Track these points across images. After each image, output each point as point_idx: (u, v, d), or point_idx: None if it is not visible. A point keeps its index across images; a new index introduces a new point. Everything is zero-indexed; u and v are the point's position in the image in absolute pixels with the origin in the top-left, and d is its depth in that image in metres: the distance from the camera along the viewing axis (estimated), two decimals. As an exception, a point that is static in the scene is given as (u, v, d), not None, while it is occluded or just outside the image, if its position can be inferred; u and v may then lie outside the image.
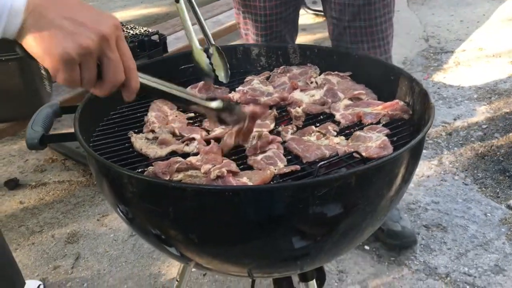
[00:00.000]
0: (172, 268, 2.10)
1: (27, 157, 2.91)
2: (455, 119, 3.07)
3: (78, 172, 2.76)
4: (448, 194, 2.46)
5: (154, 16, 5.17)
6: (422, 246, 2.16)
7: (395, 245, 2.11)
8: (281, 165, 1.11)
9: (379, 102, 1.34)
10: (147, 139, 1.22)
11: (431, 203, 2.41)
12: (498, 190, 2.46)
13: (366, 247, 2.16)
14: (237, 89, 1.47)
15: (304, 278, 1.26)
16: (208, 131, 1.27)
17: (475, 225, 2.26)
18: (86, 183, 2.67)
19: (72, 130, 1.14)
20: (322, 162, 1.01)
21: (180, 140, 1.22)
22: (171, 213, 0.96)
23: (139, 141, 1.20)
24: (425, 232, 2.24)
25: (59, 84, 0.77)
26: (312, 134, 1.23)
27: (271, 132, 1.26)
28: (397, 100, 1.30)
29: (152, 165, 1.11)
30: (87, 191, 2.61)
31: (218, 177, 1.01)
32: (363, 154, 1.09)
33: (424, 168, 2.64)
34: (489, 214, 2.32)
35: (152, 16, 5.22)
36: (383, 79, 1.40)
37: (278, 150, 1.15)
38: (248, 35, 1.96)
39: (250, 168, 1.12)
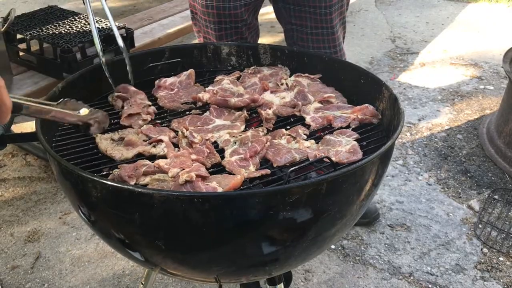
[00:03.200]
0: (136, 268, 2.05)
1: (-15, 150, 2.79)
2: (419, 120, 3.13)
3: (39, 168, 2.67)
4: (412, 194, 2.51)
5: (121, 9, 5.05)
6: (386, 245, 2.19)
7: (366, 223, 2.29)
8: (252, 169, 1.10)
9: (349, 105, 1.35)
10: (113, 139, 1.18)
11: (395, 202, 2.45)
12: (460, 191, 2.52)
13: (332, 246, 2.18)
14: (206, 88, 1.44)
15: (272, 282, 1.25)
16: (176, 132, 1.24)
17: (437, 224, 2.31)
18: (48, 179, 2.58)
19: (34, 128, 1.10)
20: (293, 168, 1.00)
21: (147, 142, 1.19)
22: (137, 219, 0.93)
23: (104, 142, 1.16)
24: (389, 231, 2.27)
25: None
26: (283, 137, 1.22)
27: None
28: (367, 105, 1.30)
29: (118, 168, 1.07)
30: (49, 187, 2.53)
31: (186, 181, 0.99)
32: (333, 159, 1.09)
33: (389, 167, 2.68)
34: (451, 214, 2.37)
35: (118, 8, 5.09)
36: (353, 82, 1.40)
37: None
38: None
39: (221, 171, 1.10)
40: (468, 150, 2.82)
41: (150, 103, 1.36)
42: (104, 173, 1.08)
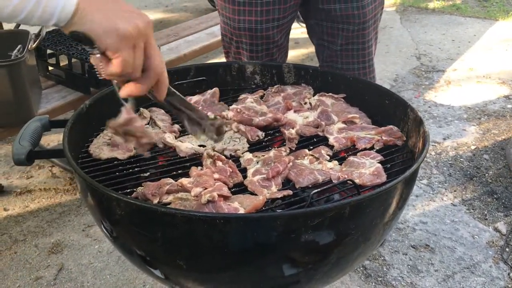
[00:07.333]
0: (157, 282, 2.06)
1: (13, 162, 2.85)
2: (444, 139, 3.08)
3: (65, 180, 2.71)
4: (436, 214, 2.46)
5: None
6: (409, 266, 2.15)
7: None
8: (274, 189, 1.10)
9: (373, 126, 1.34)
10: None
11: (419, 223, 2.40)
12: (486, 212, 2.47)
13: (354, 267, 2.15)
14: (230, 107, 1.45)
15: (292, 303, 1.24)
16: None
17: (462, 247, 2.26)
18: (73, 191, 2.62)
19: (61, 142, 1.12)
20: (315, 190, 0.99)
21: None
22: (159, 238, 0.94)
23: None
24: (412, 252, 2.23)
25: (113, 73, 0.82)
26: (305, 157, 1.22)
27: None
28: (391, 126, 1.29)
29: (142, 186, 1.08)
30: (73, 200, 2.57)
31: (208, 201, 0.99)
32: (357, 181, 1.08)
33: (413, 187, 2.64)
34: (476, 236, 2.32)
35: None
36: (378, 103, 1.39)
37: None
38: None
39: (243, 191, 1.10)
40: (494, 171, 2.76)
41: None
42: (128, 190, 1.09)
